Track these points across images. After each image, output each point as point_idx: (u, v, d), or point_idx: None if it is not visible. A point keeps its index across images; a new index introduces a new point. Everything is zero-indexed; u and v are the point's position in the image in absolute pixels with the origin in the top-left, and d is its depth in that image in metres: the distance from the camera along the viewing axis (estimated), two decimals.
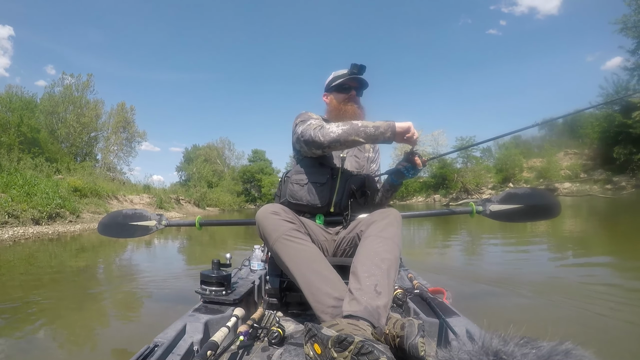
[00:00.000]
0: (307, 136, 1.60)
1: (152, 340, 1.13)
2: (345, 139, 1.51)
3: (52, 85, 32.59)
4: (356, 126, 1.50)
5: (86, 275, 4.54)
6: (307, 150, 1.68)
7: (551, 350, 0.63)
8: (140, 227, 2.36)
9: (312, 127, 1.60)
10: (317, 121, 1.66)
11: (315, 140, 1.56)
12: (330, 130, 1.53)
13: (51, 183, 15.16)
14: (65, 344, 2.17)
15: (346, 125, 1.51)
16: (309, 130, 1.60)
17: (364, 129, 1.49)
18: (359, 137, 1.49)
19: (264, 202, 59.07)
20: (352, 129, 1.50)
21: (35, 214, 11.73)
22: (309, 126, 1.63)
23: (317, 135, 1.55)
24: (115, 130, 36.98)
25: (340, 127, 1.52)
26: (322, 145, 1.56)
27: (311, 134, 1.58)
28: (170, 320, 1.31)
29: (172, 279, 3.96)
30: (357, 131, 1.49)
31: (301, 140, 1.66)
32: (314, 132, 1.57)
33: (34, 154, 21.64)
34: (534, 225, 8.24)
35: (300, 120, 1.74)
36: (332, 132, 1.52)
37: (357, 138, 1.49)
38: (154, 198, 27.79)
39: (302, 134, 1.64)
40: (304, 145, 1.67)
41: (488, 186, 34.85)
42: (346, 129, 1.50)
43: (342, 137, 1.51)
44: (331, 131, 1.53)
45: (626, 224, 7.85)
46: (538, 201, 2.04)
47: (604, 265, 4.05)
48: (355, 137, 1.49)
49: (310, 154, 1.71)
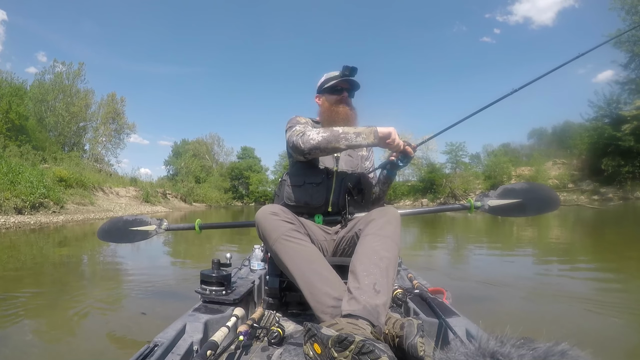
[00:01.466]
0: (290, 143, 1.64)
1: (152, 340, 1.13)
2: (325, 146, 1.54)
3: (43, 73, 32.15)
4: (336, 133, 1.53)
5: (81, 272, 4.47)
6: (295, 156, 1.72)
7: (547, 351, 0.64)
8: (140, 232, 2.35)
9: (295, 134, 1.63)
10: (301, 127, 1.67)
11: (297, 146, 1.60)
12: (310, 137, 1.56)
13: (36, 172, 14.87)
14: (63, 343, 2.14)
15: (326, 132, 1.54)
16: (292, 137, 1.63)
17: (344, 135, 1.52)
18: (339, 144, 1.52)
19: (251, 199, 58.80)
20: (332, 135, 1.53)
21: (19, 203, 11.51)
22: (293, 132, 1.66)
23: (298, 142, 1.59)
24: (105, 121, 36.51)
25: (320, 134, 1.55)
26: (303, 152, 1.59)
27: (294, 140, 1.61)
28: (170, 320, 1.31)
29: (172, 279, 3.93)
30: (337, 138, 1.52)
31: (288, 146, 1.70)
32: (295, 139, 1.60)
33: (21, 141, 21.22)
34: (520, 231, 8.39)
35: (289, 126, 1.76)
36: (312, 140, 1.55)
37: (337, 145, 1.52)
38: (140, 191, 27.50)
39: (288, 140, 1.68)
40: (291, 152, 1.70)
41: (476, 192, 35.03)
42: (326, 136, 1.53)
43: (322, 144, 1.54)
44: (311, 138, 1.55)
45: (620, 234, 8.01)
46: (537, 195, 2.02)
47: (597, 270, 4.19)
48: (335, 144, 1.52)
49: (301, 159, 1.74)
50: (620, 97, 28.79)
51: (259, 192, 59.59)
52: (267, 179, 62.79)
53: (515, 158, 40.45)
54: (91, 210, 16.61)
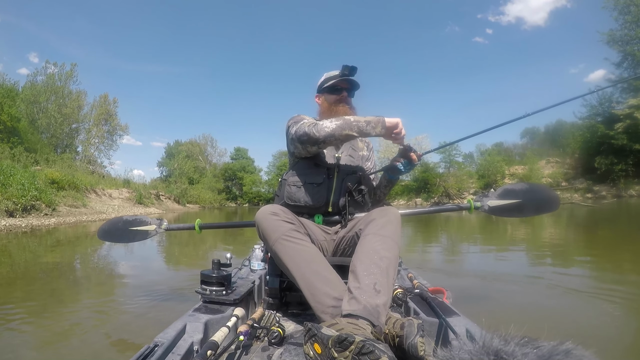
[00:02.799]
0: (301, 133, 1.64)
1: (152, 340, 1.13)
2: (340, 134, 1.56)
3: (35, 74, 31.93)
4: (349, 121, 1.57)
5: (74, 275, 4.43)
6: (302, 150, 1.71)
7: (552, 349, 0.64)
8: (140, 231, 2.35)
9: (306, 125, 1.64)
10: (311, 120, 1.70)
11: (310, 135, 1.60)
12: (324, 125, 1.58)
13: (28, 174, 14.66)
14: (63, 344, 2.13)
15: (339, 121, 1.58)
16: (303, 127, 1.64)
17: (356, 123, 1.56)
18: (352, 132, 1.56)
19: (245, 200, 58.65)
20: (345, 123, 1.56)
21: (10, 206, 11.37)
22: (303, 124, 1.66)
23: (311, 131, 1.60)
24: (97, 123, 36.31)
25: (333, 122, 1.58)
26: (318, 141, 1.61)
27: (305, 130, 1.62)
28: (170, 320, 1.31)
29: (172, 279, 3.91)
30: (350, 125, 1.56)
31: (295, 139, 1.69)
32: (308, 128, 1.61)
33: (12, 143, 21.00)
34: (516, 230, 8.44)
35: (293, 121, 1.77)
36: (326, 127, 1.58)
37: (350, 132, 1.56)
38: (133, 193, 27.31)
39: (296, 132, 1.67)
40: (298, 145, 1.70)
41: (470, 191, 35.33)
42: (340, 123, 1.57)
43: (337, 131, 1.56)
44: (325, 126, 1.58)
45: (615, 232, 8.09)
46: (537, 195, 2.03)
47: (594, 267, 4.21)
48: (349, 132, 1.56)
49: (305, 154, 1.74)
50: (613, 96, 29.12)
51: (252, 193, 59.44)
52: (261, 180, 62.68)
53: (508, 157, 40.79)
54: (84, 212, 16.45)
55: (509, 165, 38.44)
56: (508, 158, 40.40)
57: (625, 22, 27.63)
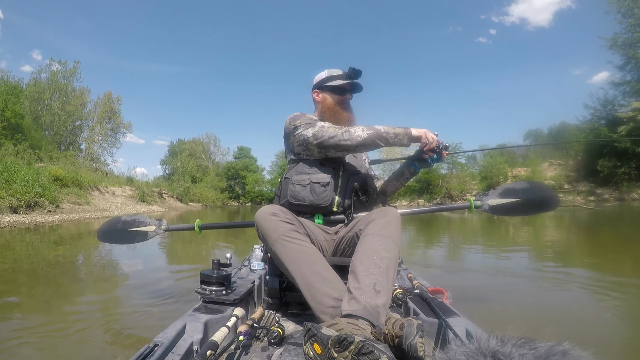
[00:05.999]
0: (324, 138, 1.66)
1: (152, 340, 1.13)
2: (370, 144, 1.63)
3: (39, 71, 31.95)
4: (379, 131, 1.61)
5: (75, 273, 4.44)
6: (318, 153, 1.72)
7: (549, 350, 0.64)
8: (139, 232, 2.35)
9: (331, 130, 1.66)
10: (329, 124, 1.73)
11: (339, 143, 1.64)
12: (356, 134, 1.63)
13: (31, 171, 14.75)
14: (62, 344, 2.12)
15: (371, 130, 1.62)
16: (328, 132, 1.66)
17: (386, 135, 1.61)
18: (380, 142, 1.62)
19: (247, 199, 58.63)
20: (376, 134, 1.61)
21: (14, 202, 11.44)
22: (324, 129, 1.67)
23: (341, 138, 1.64)
24: (101, 120, 36.32)
25: (365, 132, 1.62)
26: (349, 148, 1.66)
27: (332, 135, 1.65)
28: (170, 320, 1.31)
29: (171, 279, 3.91)
30: (380, 136, 1.61)
31: (312, 143, 1.69)
32: (336, 133, 1.65)
33: (16, 140, 21.08)
34: (517, 231, 8.42)
35: (304, 122, 1.73)
36: (358, 137, 1.62)
37: (379, 142, 1.62)
38: (136, 191, 27.40)
39: (316, 136, 1.67)
40: (314, 148, 1.70)
41: (472, 193, 35.19)
42: (371, 133, 1.62)
43: (368, 141, 1.62)
44: (357, 135, 1.62)
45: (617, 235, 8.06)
46: (536, 194, 2.03)
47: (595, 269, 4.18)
48: (378, 142, 1.62)
49: (318, 156, 1.73)
50: (616, 99, 28.98)
51: (255, 192, 59.37)
52: (263, 179, 62.58)
53: (511, 159, 40.56)
54: (87, 209, 16.51)
55: (511, 167, 38.26)
56: (511, 160, 40.16)
57: (628, 25, 27.48)
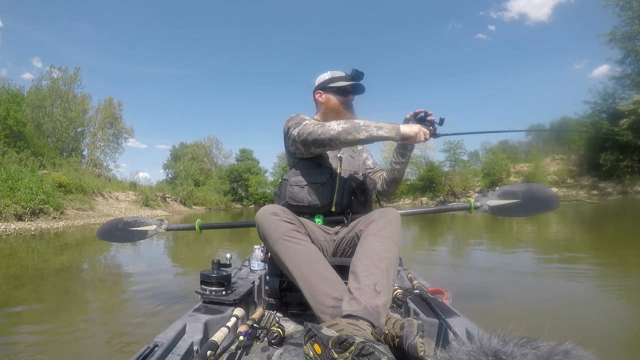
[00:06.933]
0: (304, 135, 1.61)
1: (152, 340, 1.13)
2: (346, 137, 1.51)
3: (40, 79, 32.25)
4: (357, 124, 1.51)
5: (77, 276, 4.45)
6: (305, 151, 1.70)
7: (551, 350, 0.63)
8: (139, 231, 2.38)
9: (310, 125, 1.61)
10: (314, 121, 1.68)
11: (316, 137, 1.56)
12: (330, 127, 1.54)
13: (35, 178, 14.83)
14: (63, 345, 2.13)
15: (347, 123, 1.53)
16: (308, 128, 1.60)
17: (365, 127, 1.49)
18: (359, 135, 1.49)
19: (250, 201, 58.72)
20: (353, 126, 1.51)
21: (19, 210, 11.49)
22: (305, 126, 1.63)
23: (316, 133, 1.56)
24: (102, 126, 36.54)
25: (340, 125, 1.53)
26: (323, 143, 1.56)
27: (311, 130, 1.58)
28: (170, 320, 1.31)
29: (172, 280, 3.92)
30: (358, 129, 1.50)
31: (298, 141, 1.66)
32: (314, 128, 1.58)
33: (19, 147, 21.20)
34: (520, 228, 8.39)
35: (294, 122, 1.74)
36: (332, 130, 1.53)
37: (357, 136, 1.49)
38: (140, 195, 27.43)
39: (300, 134, 1.64)
40: (300, 146, 1.68)
41: (475, 190, 35.13)
42: (347, 126, 1.51)
43: (342, 134, 1.51)
44: (331, 128, 1.53)
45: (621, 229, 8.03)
46: (536, 195, 2.04)
47: (598, 265, 4.18)
48: (356, 135, 1.49)
49: (307, 155, 1.72)
50: (616, 92, 28.90)
51: (258, 194, 59.43)
52: (266, 181, 62.61)
53: (513, 155, 40.57)
54: (91, 215, 16.57)
55: (514, 163, 38.21)
56: (513, 156, 40.16)
57: (627, 19, 27.42)
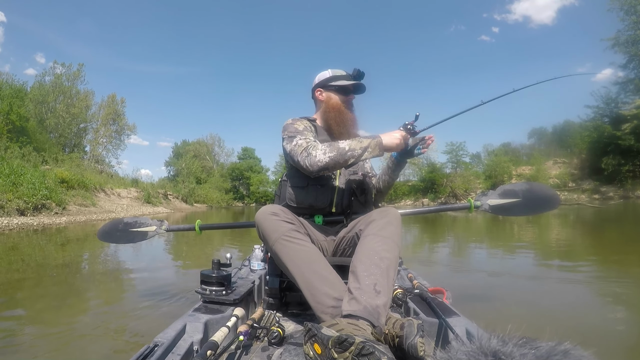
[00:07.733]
0: (294, 161, 1.60)
1: (152, 340, 1.13)
2: (333, 166, 1.52)
3: (43, 74, 32.32)
4: (343, 151, 1.50)
5: (78, 273, 4.46)
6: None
7: (550, 350, 0.63)
8: (140, 232, 2.38)
9: (298, 153, 1.58)
10: (302, 141, 1.61)
11: (305, 168, 1.56)
12: (317, 159, 1.52)
13: (38, 173, 14.85)
14: (63, 344, 2.13)
15: (333, 152, 1.51)
16: (297, 157, 1.58)
17: (351, 152, 1.50)
18: (348, 161, 1.51)
19: (252, 200, 58.79)
20: (340, 154, 1.50)
21: (21, 205, 11.53)
22: (296, 149, 1.60)
23: (305, 164, 1.54)
24: (105, 123, 36.63)
25: (327, 155, 1.51)
26: (312, 174, 1.56)
27: (298, 160, 1.57)
28: (170, 320, 1.31)
29: (172, 280, 3.92)
30: (345, 156, 1.50)
31: (293, 163, 1.65)
32: (301, 158, 1.55)
33: (22, 143, 21.23)
34: (521, 231, 8.38)
35: (287, 135, 1.70)
36: (319, 162, 1.51)
37: (345, 163, 1.51)
38: (141, 192, 27.51)
39: (291, 156, 1.63)
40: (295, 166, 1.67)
41: (477, 192, 35.11)
42: (332, 156, 1.51)
43: (330, 164, 1.51)
44: (318, 160, 1.52)
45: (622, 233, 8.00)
46: (537, 194, 2.03)
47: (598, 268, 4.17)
48: (342, 162, 1.51)
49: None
50: (619, 97, 28.87)
51: (259, 193, 59.49)
52: (268, 180, 62.64)
53: (515, 157, 40.53)
54: (93, 211, 16.63)
55: (516, 165, 38.20)
56: (515, 158, 40.14)
57: (631, 23, 27.40)
